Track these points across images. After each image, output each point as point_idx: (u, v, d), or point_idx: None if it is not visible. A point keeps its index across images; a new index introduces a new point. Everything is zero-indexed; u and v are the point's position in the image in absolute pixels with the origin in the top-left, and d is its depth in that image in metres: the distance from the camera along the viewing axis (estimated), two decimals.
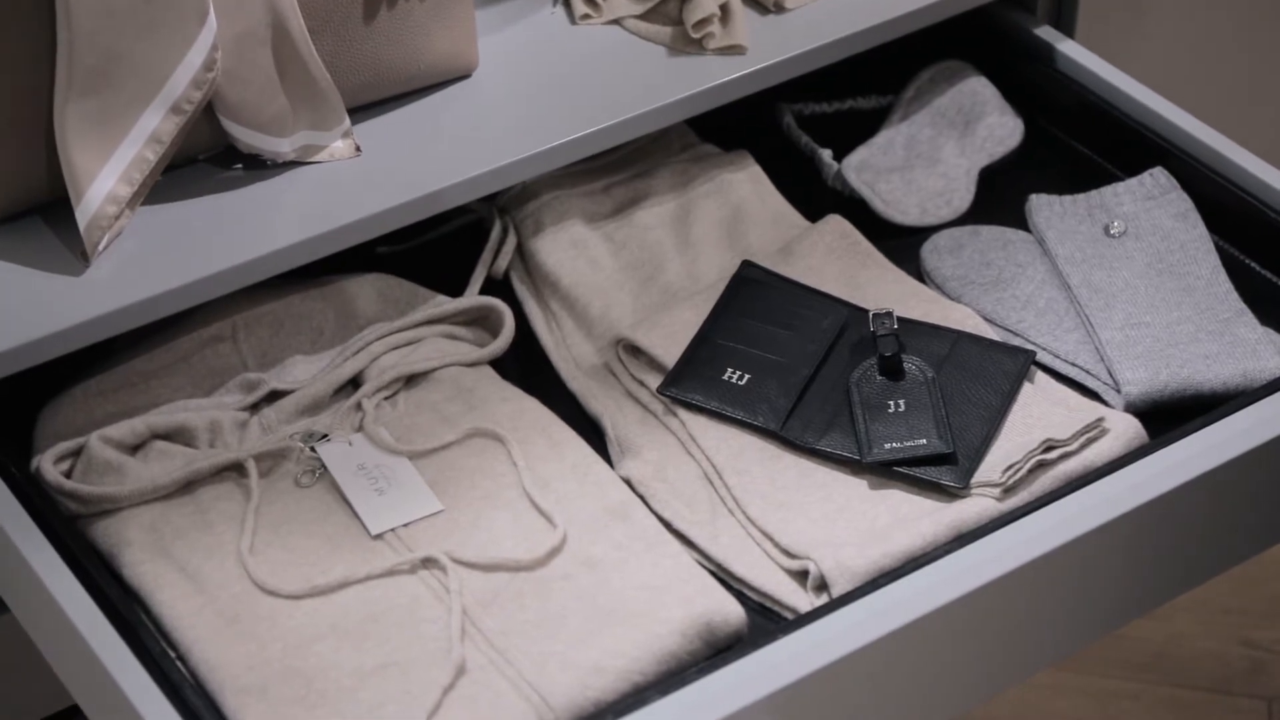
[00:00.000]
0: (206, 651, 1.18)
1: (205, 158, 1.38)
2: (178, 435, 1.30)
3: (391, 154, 1.39)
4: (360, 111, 1.41)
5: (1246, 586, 1.95)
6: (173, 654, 1.19)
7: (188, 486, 1.27)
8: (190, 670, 1.18)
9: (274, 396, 1.34)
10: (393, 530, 1.25)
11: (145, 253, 1.31)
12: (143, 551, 1.23)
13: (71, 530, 1.24)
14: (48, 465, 1.26)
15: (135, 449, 1.30)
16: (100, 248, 1.30)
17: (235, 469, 1.29)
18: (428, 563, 1.22)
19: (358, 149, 1.38)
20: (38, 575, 1.19)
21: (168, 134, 1.30)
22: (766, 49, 1.46)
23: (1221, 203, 1.45)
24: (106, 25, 1.26)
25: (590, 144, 1.41)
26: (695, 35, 1.45)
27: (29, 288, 1.29)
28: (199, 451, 1.30)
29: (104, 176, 1.29)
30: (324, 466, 1.29)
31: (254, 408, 1.34)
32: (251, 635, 1.18)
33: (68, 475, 1.28)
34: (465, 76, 1.44)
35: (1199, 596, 1.85)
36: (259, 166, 1.37)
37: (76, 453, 1.29)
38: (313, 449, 1.29)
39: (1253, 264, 1.45)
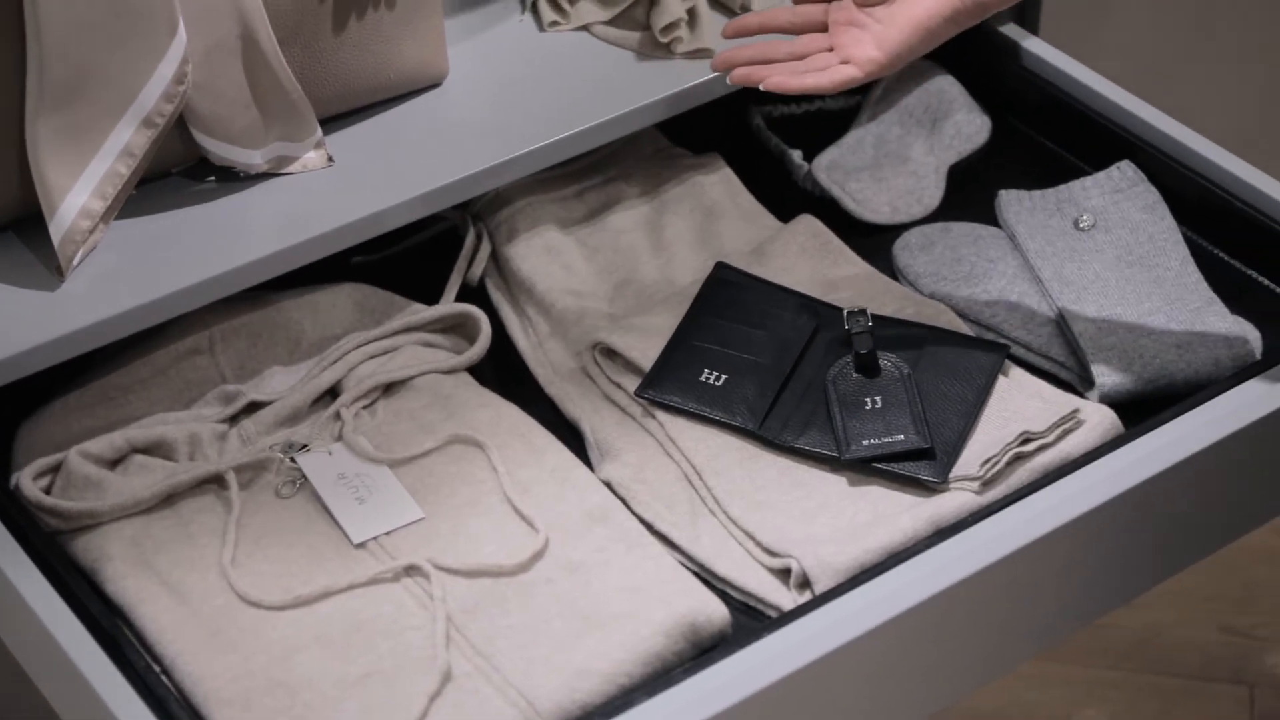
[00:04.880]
0: (190, 664, 1.18)
1: (179, 171, 1.38)
2: (157, 449, 1.31)
3: (364, 163, 1.39)
4: (332, 122, 1.41)
5: (1223, 574, 1.97)
6: (157, 668, 1.19)
7: (168, 500, 1.28)
8: (175, 684, 1.18)
9: (253, 408, 1.35)
10: (375, 539, 1.25)
11: (120, 266, 1.31)
12: (125, 565, 1.23)
13: (52, 546, 1.24)
14: (27, 481, 1.26)
15: (115, 463, 1.30)
16: (75, 262, 1.30)
17: (215, 481, 1.29)
18: (411, 570, 1.23)
19: (330, 159, 1.39)
20: (19, 592, 1.19)
21: (140, 147, 1.30)
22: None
23: (1188, 194, 1.46)
24: (77, 39, 1.26)
25: (561, 150, 1.42)
26: (663, 40, 1.46)
27: (4, 304, 1.29)
28: (179, 464, 1.30)
29: (77, 191, 1.29)
30: (304, 477, 1.29)
31: (233, 419, 1.34)
32: (235, 647, 1.19)
33: (47, 491, 1.28)
34: (436, 85, 1.45)
35: (1176, 585, 1.86)
36: (232, 178, 1.38)
37: (56, 468, 1.29)
38: (293, 459, 1.30)
39: (1220, 254, 1.46)
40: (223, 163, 1.36)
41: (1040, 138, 1.56)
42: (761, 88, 1.32)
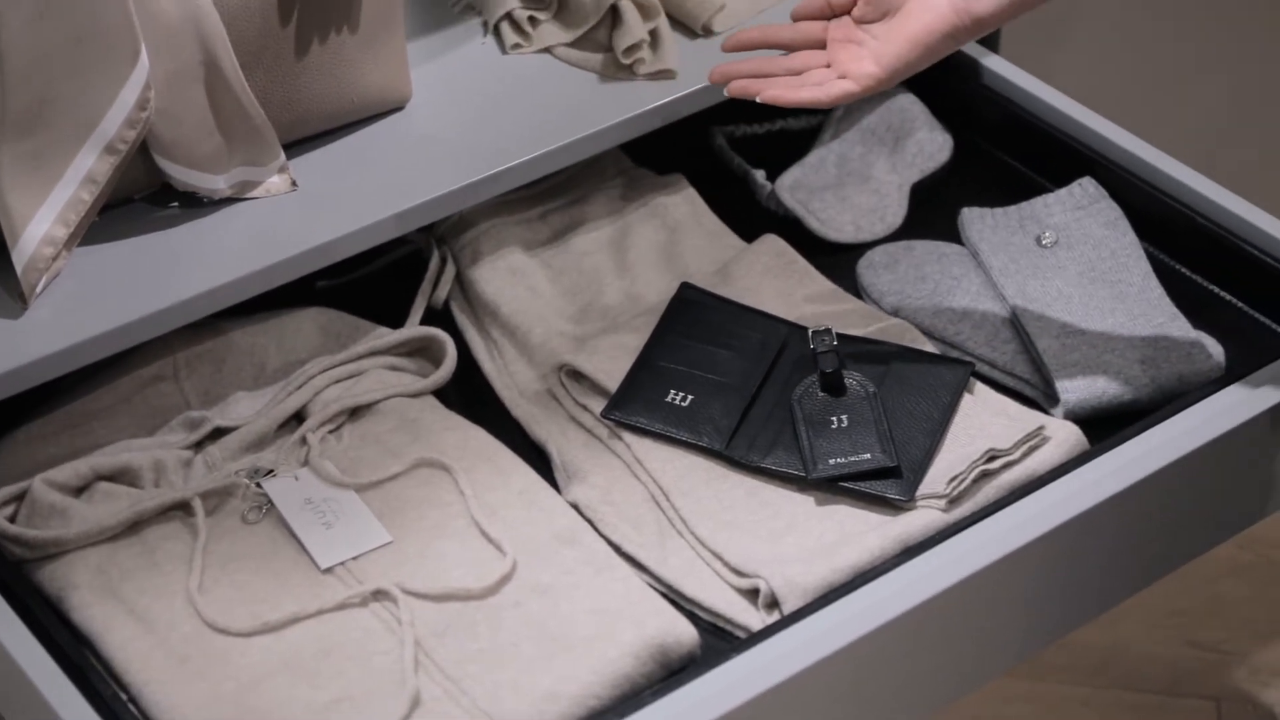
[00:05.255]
0: (158, 693, 1.17)
1: (142, 197, 1.37)
2: (122, 476, 1.30)
3: (328, 187, 1.39)
4: (296, 146, 1.41)
5: (1189, 588, 1.98)
6: (124, 696, 1.18)
7: (134, 527, 1.27)
8: (142, 712, 1.17)
9: (218, 434, 1.34)
10: (342, 563, 1.25)
11: (84, 293, 1.31)
12: (91, 594, 1.23)
13: (17, 575, 1.24)
14: None
15: (79, 491, 1.29)
16: (38, 290, 1.30)
17: (181, 508, 1.28)
18: (379, 595, 1.22)
19: (294, 183, 1.38)
20: None
21: (103, 174, 1.30)
22: (697, 72, 1.47)
23: (1150, 210, 1.47)
24: (38, 67, 1.25)
25: (525, 172, 1.42)
26: (626, 61, 1.46)
27: None
28: (144, 491, 1.29)
29: (40, 218, 1.28)
30: (270, 502, 1.28)
31: (198, 446, 1.34)
32: (203, 675, 1.18)
33: (12, 520, 1.27)
34: (399, 109, 1.45)
35: (1143, 600, 1.87)
36: (195, 204, 1.37)
37: (20, 497, 1.28)
38: (259, 485, 1.29)
39: (1182, 269, 1.47)
40: (186, 188, 1.35)
41: (1002, 155, 1.57)
42: (759, 99, 1.32)
